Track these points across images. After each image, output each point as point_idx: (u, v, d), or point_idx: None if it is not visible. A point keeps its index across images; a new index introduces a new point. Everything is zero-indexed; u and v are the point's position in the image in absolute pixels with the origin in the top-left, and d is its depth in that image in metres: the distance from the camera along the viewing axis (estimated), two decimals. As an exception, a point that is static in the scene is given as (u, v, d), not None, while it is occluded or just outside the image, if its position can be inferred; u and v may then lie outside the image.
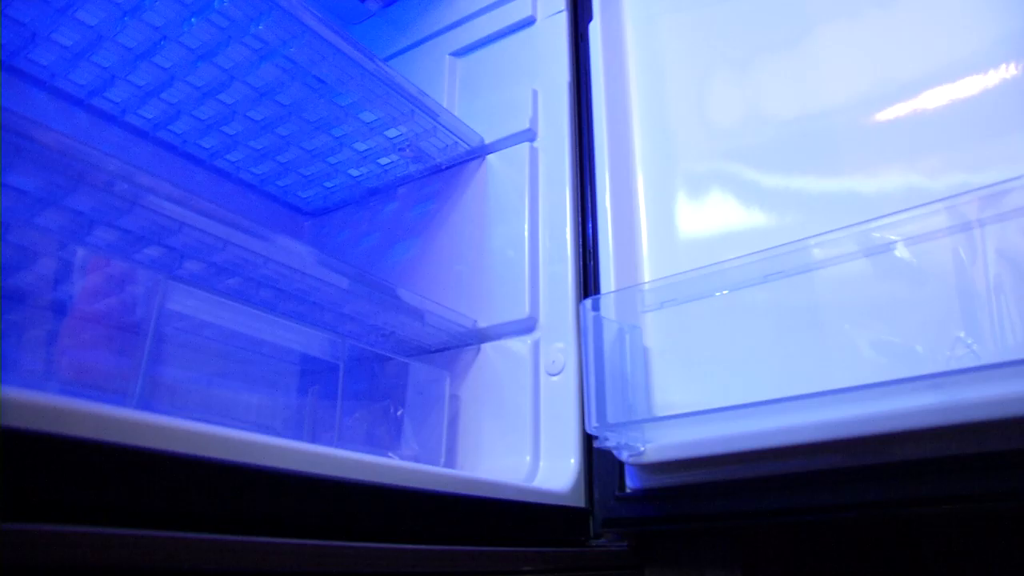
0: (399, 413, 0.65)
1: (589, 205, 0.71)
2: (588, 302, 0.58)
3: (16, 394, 0.30)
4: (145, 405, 0.52)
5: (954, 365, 0.50)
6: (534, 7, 0.84)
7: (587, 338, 0.57)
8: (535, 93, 0.78)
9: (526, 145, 0.76)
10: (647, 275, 0.68)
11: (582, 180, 0.73)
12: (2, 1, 0.60)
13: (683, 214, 0.68)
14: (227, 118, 0.75)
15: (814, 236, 0.51)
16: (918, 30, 0.60)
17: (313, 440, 0.64)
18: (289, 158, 0.81)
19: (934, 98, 0.57)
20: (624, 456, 0.57)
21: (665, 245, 0.68)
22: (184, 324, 0.52)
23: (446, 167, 0.81)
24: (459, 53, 0.88)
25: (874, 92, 0.60)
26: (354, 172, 0.83)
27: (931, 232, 0.49)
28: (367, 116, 0.74)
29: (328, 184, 0.86)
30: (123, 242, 0.55)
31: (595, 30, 0.75)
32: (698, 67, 0.73)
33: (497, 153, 0.78)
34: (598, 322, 0.56)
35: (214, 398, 0.61)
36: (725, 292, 0.55)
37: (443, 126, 0.75)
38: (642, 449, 0.56)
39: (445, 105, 0.85)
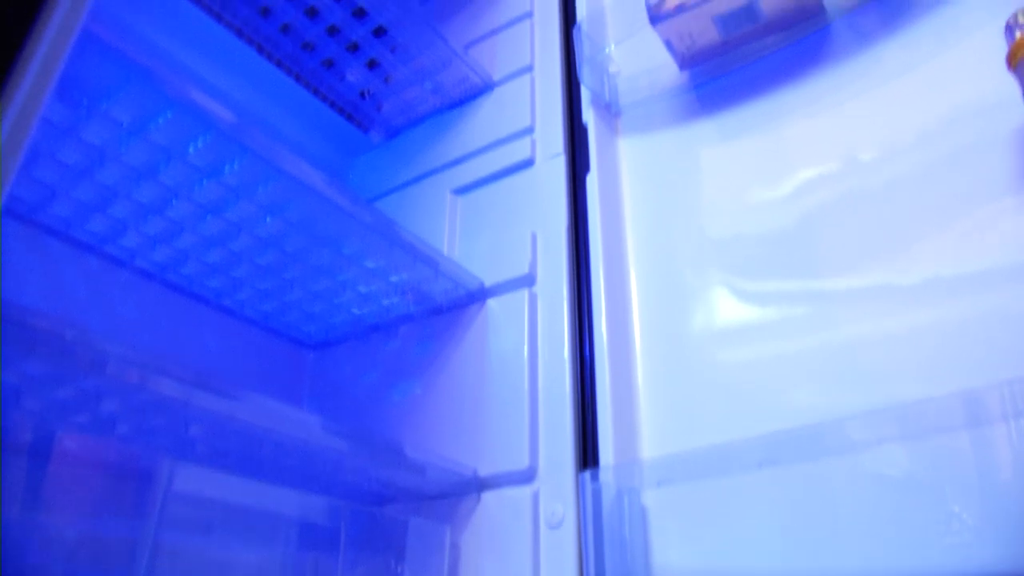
0: (399, 569, 0.65)
1: (587, 351, 0.72)
2: (587, 475, 0.58)
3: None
4: (147, 576, 0.52)
5: (948, 540, 0.51)
6: (533, 149, 0.87)
7: (586, 509, 0.58)
8: (534, 237, 0.80)
9: (525, 291, 0.77)
10: (646, 417, 0.69)
11: (580, 325, 0.74)
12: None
13: (679, 331, 0.72)
14: (234, 263, 0.77)
15: (818, 425, 0.52)
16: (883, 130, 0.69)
17: (313, 599, 0.64)
18: (294, 298, 0.83)
19: (892, 199, 0.65)
20: (624, 624, 0.57)
21: (665, 372, 0.71)
22: (188, 498, 0.53)
23: (447, 309, 0.83)
24: (460, 191, 0.91)
25: (844, 205, 0.68)
26: (356, 311, 0.85)
27: (948, 425, 0.50)
28: (370, 263, 0.76)
29: (331, 321, 0.88)
30: (130, 412, 0.56)
31: (592, 182, 0.77)
32: (693, 202, 0.77)
33: (497, 298, 0.80)
34: (597, 494, 0.57)
35: (213, 559, 0.61)
36: (725, 475, 0.56)
37: (443, 273, 0.77)
38: (642, 619, 0.55)
39: (446, 244, 0.87)
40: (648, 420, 0.68)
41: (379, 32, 0.91)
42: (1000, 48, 0.59)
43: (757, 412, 0.64)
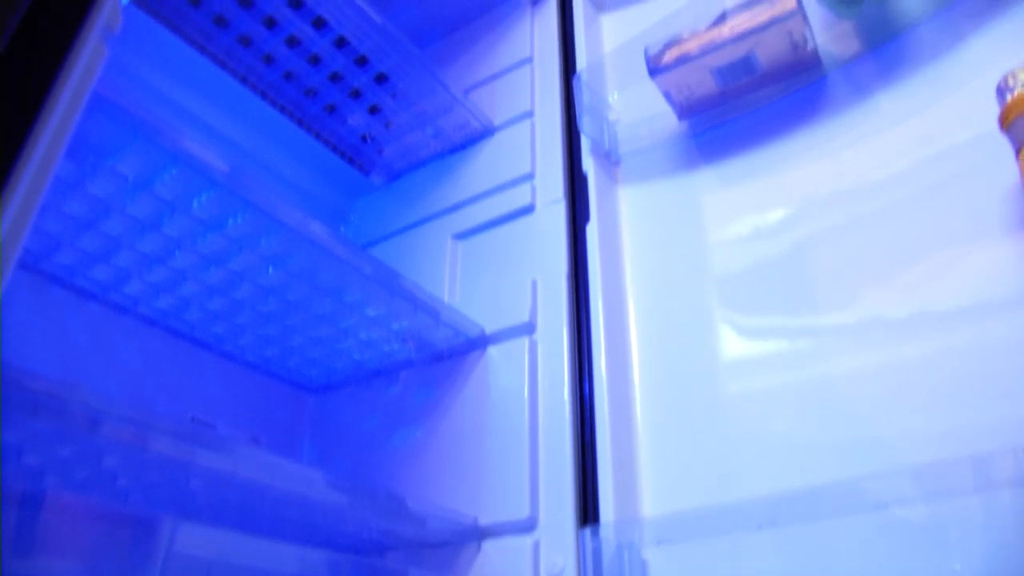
0: (399, 621, 0.65)
1: (588, 399, 0.73)
2: (587, 531, 0.58)
3: None
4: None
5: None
6: (533, 195, 0.87)
7: (586, 563, 0.58)
8: (534, 284, 0.81)
9: (525, 339, 0.78)
10: (646, 463, 0.69)
11: (580, 374, 0.75)
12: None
13: (679, 382, 0.72)
14: (236, 311, 0.78)
15: (817, 488, 0.53)
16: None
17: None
18: (295, 344, 0.83)
19: (887, 238, 0.67)
20: None
21: (665, 420, 0.71)
22: (189, 557, 0.53)
23: (448, 356, 0.83)
24: (461, 236, 0.91)
25: (840, 245, 0.70)
26: (357, 356, 0.85)
27: (954, 487, 0.50)
28: (371, 311, 0.77)
29: (332, 366, 0.88)
30: (130, 468, 0.56)
31: (592, 232, 0.78)
32: (692, 251, 0.77)
33: (497, 345, 0.80)
34: (597, 550, 0.57)
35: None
36: (725, 536, 0.56)
37: (444, 322, 0.77)
38: None
39: (446, 288, 0.87)
40: (648, 466, 0.68)
41: (380, 79, 0.92)
42: (993, 98, 0.60)
43: (755, 449, 0.64)
